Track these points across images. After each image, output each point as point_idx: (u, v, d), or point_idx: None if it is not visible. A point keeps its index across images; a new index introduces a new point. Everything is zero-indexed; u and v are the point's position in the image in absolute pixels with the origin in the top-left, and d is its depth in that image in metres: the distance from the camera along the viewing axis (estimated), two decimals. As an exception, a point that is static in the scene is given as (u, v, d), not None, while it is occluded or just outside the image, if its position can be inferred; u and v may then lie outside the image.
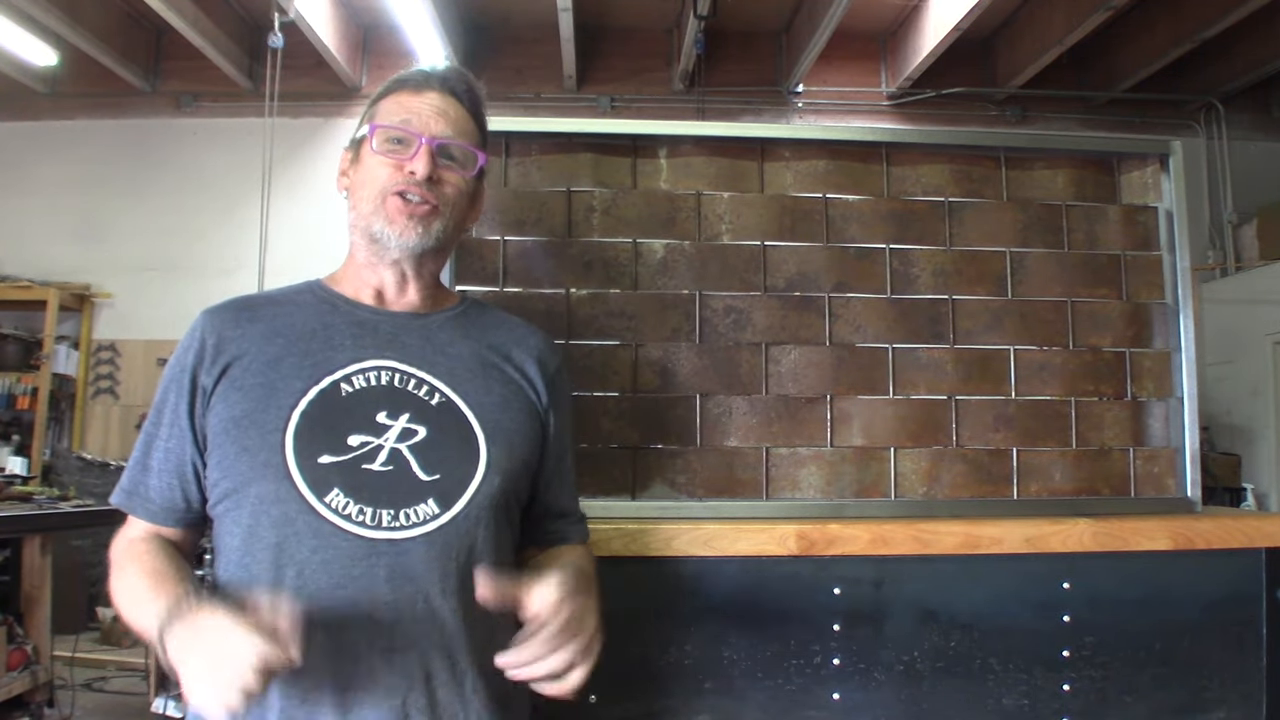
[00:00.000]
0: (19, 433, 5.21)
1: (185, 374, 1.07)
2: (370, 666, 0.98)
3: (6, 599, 3.42)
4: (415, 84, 1.15)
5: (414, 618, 0.99)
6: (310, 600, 0.97)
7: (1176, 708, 1.44)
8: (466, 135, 1.15)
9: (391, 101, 1.15)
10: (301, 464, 1.00)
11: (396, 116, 1.12)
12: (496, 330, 1.20)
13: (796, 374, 1.61)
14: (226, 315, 1.11)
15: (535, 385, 1.17)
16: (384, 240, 1.10)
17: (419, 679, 0.99)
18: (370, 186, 1.11)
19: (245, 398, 1.04)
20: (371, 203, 1.10)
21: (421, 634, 1.00)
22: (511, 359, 1.17)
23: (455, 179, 1.13)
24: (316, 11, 4.85)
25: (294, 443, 1.01)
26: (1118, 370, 1.68)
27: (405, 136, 1.11)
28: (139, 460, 1.09)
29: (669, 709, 1.37)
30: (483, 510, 1.06)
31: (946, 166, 1.70)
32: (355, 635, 0.98)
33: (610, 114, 5.64)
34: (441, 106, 1.14)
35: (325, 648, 0.96)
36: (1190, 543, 1.45)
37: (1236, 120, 5.78)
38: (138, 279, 5.50)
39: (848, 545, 1.40)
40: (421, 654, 1.00)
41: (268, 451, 1.01)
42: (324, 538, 0.99)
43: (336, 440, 1.02)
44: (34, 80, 5.50)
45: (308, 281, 1.19)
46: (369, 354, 1.09)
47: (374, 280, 1.15)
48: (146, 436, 1.09)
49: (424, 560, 1.01)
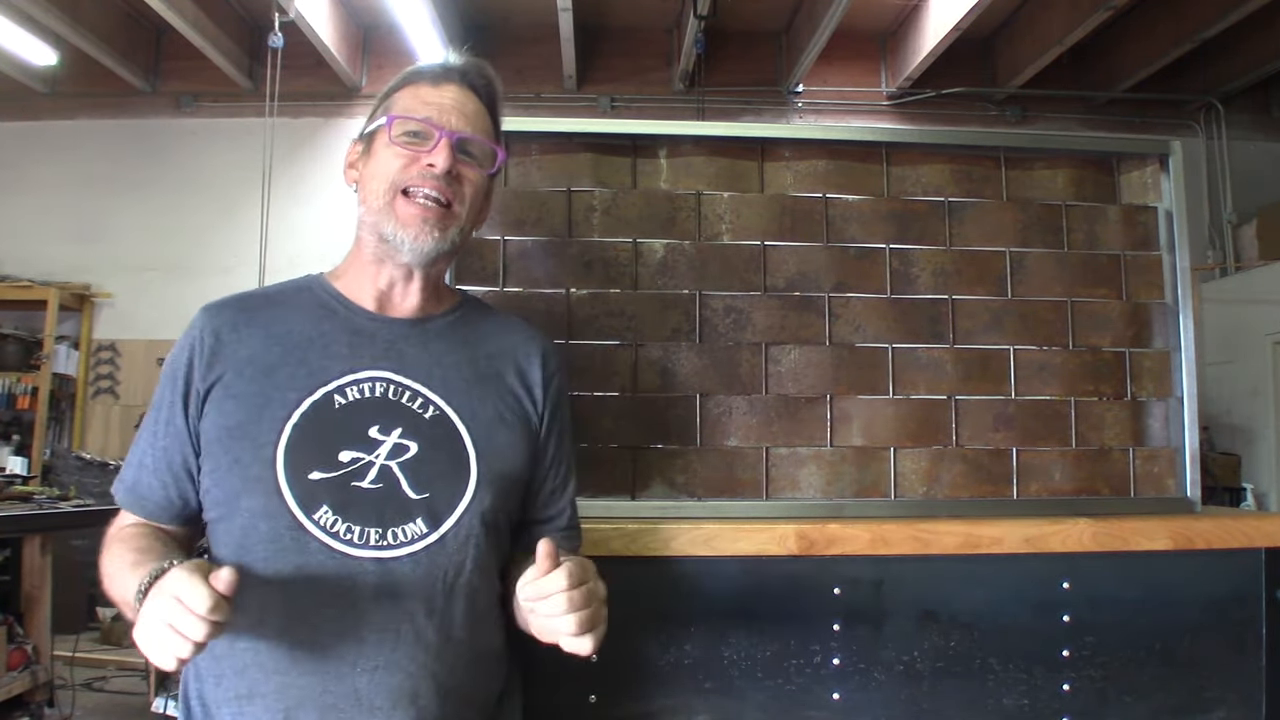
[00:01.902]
0: (19, 433, 5.21)
1: (180, 374, 1.06)
2: (354, 687, 0.97)
3: (6, 599, 3.41)
4: (434, 77, 1.12)
5: (399, 638, 0.98)
6: (297, 619, 0.97)
7: (1176, 708, 1.44)
8: (484, 132, 1.13)
9: (409, 94, 1.11)
10: (292, 480, 0.99)
11: (416, 109, 1.08)
12: (495, 336, 1.17)
13: (796, 374, 1.61)
14: (225, 316, 1.09)
15: (534, 393, 1.15)
16: (396, 243, 1.07)
17: (404, 700, 0.98)
18: (380, 180, 1.07)
19: (239, 407, 1.03)
20: (381, 198, 1.07)
21: (406, 655, 0.99)
22: (510, 368, 1.15)
23: (474, 176, 1.11)
24: (316, 11, 4.85)
25: (285, 457, 1.00)
26: (1118, 370, 1.68)
27: (424, 130, 1.07)
28: (136, 457, 1.09)
29: (669, 709, 1.37)
30: (472, 529, 1.04)
31: (946, 166, 1.70)
32: (340, 655, 0.97)
33: (610, 114, 5.64)
34: (460, 100, 1.11)
35: (310, 667, 0.96)
36: (1190, 543, 1.45)
37: (1236, 120, 5.78)
38: (138, 279, 5.50)
39: (848, 545, 1.40)
40: (406, 675, 0.98)
41: (259, 466, 1.00)
42: (311, 555, 0.98)
43: (327, 456, 1.01)
44: (34, 80, 5.50)
45: (308, 277, 1.17)
46: (364, 364, 1.07)
47: (379, 279, 1.12)
48: (144, 433, 1.09)
49: (410, 580, 1.00)
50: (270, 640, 0.97)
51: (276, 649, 0.97)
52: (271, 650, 0.97)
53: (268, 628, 0.97)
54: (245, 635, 0.97)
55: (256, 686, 0.97)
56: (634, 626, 1.37)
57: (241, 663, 0.97)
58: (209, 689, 1.00)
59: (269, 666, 0.97)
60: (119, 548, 1.01)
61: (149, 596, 0.85)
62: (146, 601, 0.85)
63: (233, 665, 0.98)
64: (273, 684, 0.97)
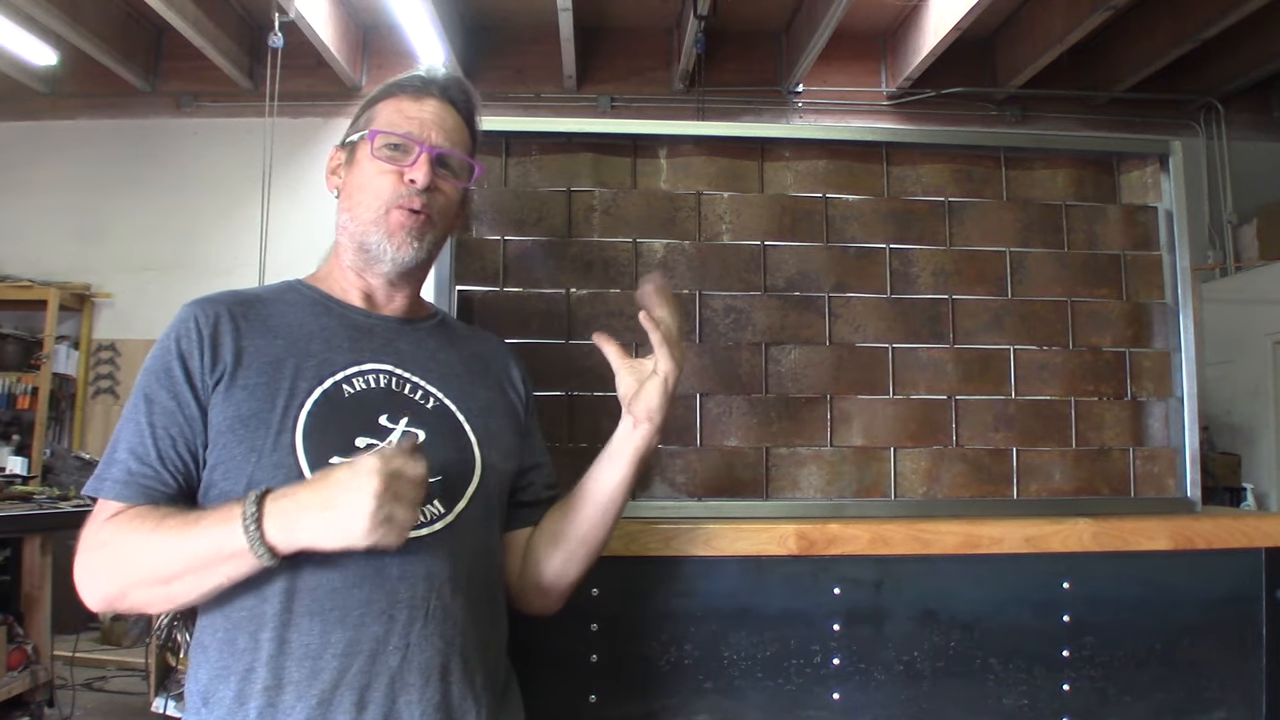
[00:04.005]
0: (19, 433, 5.21)
1: (175, 365, 1.02)
2: (388, 665, 0.98)
3: (6, 599, 3.42)
4: (415, 90, 1.15)
5: (428, 615, 1.00)
6: (327, 602, 0.97)
7: (1176, 708, 1.44)
8: (462, 145, 1.17)
9: (391, 107, 1.14)
10: (314, 465, 1.00)
11: (398, 124, 1.12)
12: (474, 340, 1.26)
13: (796, 374, 1.61)
14: (220, 309, 1.07)
15: (516, 389, 1.24)
16: (378, 253, 1.11)
17: (435, 676, 1.00)
18: (371, 195, 1.11)
19: (251, 396, 1.02)
20: (373, 212, 1.11)
21: (435, 631, 1.01)
22: (493, 365, 1.23)
23: (449, 189, 1.15)
24: (316, 11, 4.85)
25: (305, 443, 1.01)
26: (1118, 370, 1.68)
27: (405, 144, 1.11)
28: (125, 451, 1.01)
29: (669, 709, 1.37)
30: (481, 509, 1.09)
31: (946, 166, 1.70)
32: (373, 635, 0.98)
33: (610, 114, 5.64)
34: (440, 115, 1.15)
35: (342, 649, 0.97)
36: (1190, 543, 1.45)
37: (1236, 120, 5.78)
38: (138, 279, 5.49)
39: (848, 545, 1.40)
40: (436, 651, 1.00)
41: (280, 453, 1.00)
42: None
43: (345, 442, 1.02)
44: (34, 80, 5.50)
45: (287, 282, 1.18)
46: (367, 357, 1.10)
47: (363, 285, 1.15)
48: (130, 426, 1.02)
49: (434, 559, 1.02)
50: (299, 626, 0.97)
51: (307, 634, 0.97)
52: (301, 636, 0.97)
53: (295, 614, 0.97)
54: (270, 624, 0.96)
55: (287, 674, 0.96)
56: (634, 626, 1.37)
57: (267, 653, 0.97)
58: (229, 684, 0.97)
59: (298, 653, 0.96)
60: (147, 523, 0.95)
61: (344, 482, 0.89)
62: (341, 486, 0.89)
63: (257, 657, 0.97)
64: (304, 670, 0.96)
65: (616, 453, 1.15)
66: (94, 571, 0.97)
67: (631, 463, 1.14)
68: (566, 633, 1.35)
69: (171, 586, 0.94)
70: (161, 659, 3.22)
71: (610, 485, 1.15)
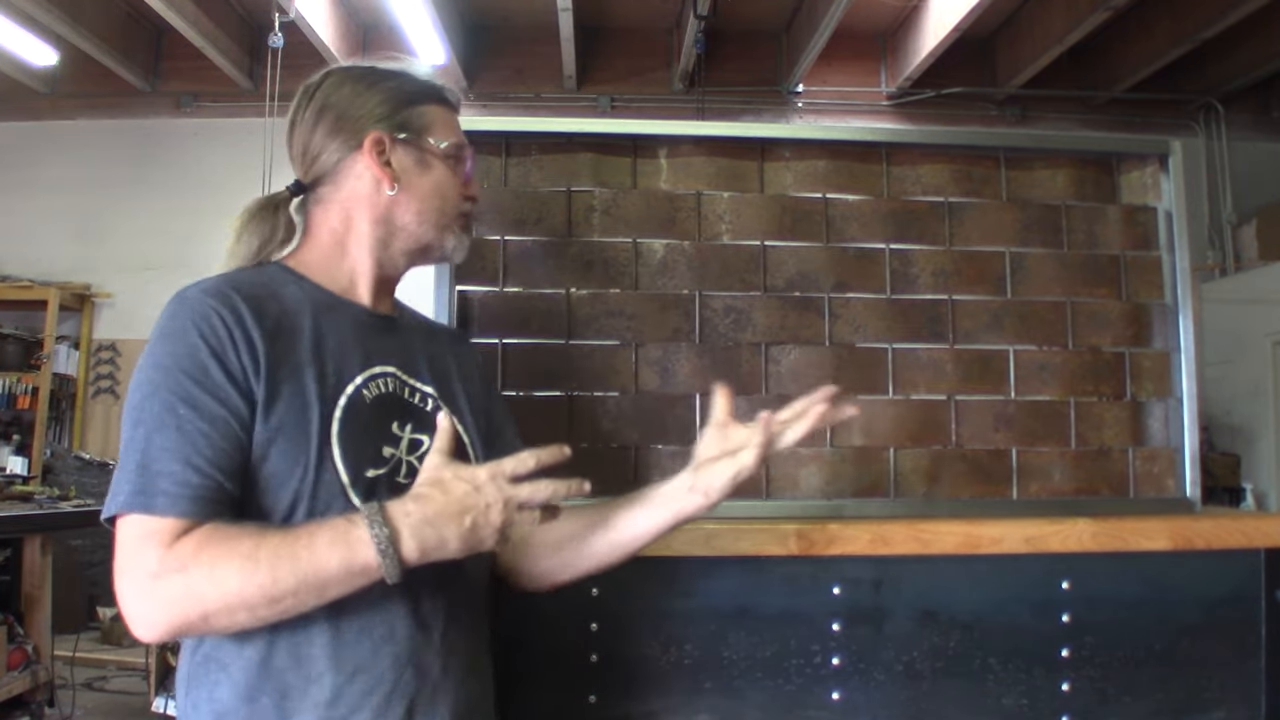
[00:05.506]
0: (19, 433, 5.21)
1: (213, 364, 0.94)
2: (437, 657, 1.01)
3: (6, 599, 3.42)
4: (451, 102, 1.19)
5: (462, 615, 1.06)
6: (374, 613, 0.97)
7: (1176, 708, 1.44)
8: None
9: (442, 115, 1.16)
10: (354, 479, 0.98)
11: (457, 135, 1.17)
12: (434, 328, 1.29)
13: (796, 374, 1.61)
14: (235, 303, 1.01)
15: (481, 371, 1.26)
16: (444, 252, 1.16)
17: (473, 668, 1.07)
18: (449, 202, 1.14)
19: (286, 406, 0.96)
20: (447, 217, 1.14)
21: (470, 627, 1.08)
22: (457, 353, 1.24)
23: None
24: (316, 11, 4.84)
25: (342, 458, 0.98)
26: (1117, 370, 1.68)
27: (463, 156, 1.17)
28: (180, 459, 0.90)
29: (669, 709, 1.37)
30: None
31: (946, 166, 1.70)
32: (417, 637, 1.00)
33: (610, 114, 5.64)
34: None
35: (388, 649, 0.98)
36: (1190, 543, 1.45)
37: (1236, 120, 5.77)
38: (138, 279, 5.49)
39: (848, 545, 1.40)
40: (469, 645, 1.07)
41: (319, 469, 0.96)
42: None
43: (375, 452, 1.01)
44: (34, 80, 5.49)
45: (272, 269, 1.11)
46: (375, 360, 1.07)
47: (373, 281, 1.11)
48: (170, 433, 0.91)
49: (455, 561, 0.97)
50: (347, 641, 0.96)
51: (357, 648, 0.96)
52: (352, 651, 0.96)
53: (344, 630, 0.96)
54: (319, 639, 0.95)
55: (340, 693, 0.95)
56: (634, 626, 1.37)
57: (317, 670, 0.95)
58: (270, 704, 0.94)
59: (347, 668, 0.95)
60: (243, 543, 0.87)
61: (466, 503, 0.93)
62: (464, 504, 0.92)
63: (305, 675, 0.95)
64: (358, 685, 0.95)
65: (661, 503, 1.12)
66: (171, 600, 0.86)
67: (672, 522, 1.12)
68: (566, 633, 1.35)
69: (273, 608, 0.88)
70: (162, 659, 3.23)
71: (641, 530, 1.13)
